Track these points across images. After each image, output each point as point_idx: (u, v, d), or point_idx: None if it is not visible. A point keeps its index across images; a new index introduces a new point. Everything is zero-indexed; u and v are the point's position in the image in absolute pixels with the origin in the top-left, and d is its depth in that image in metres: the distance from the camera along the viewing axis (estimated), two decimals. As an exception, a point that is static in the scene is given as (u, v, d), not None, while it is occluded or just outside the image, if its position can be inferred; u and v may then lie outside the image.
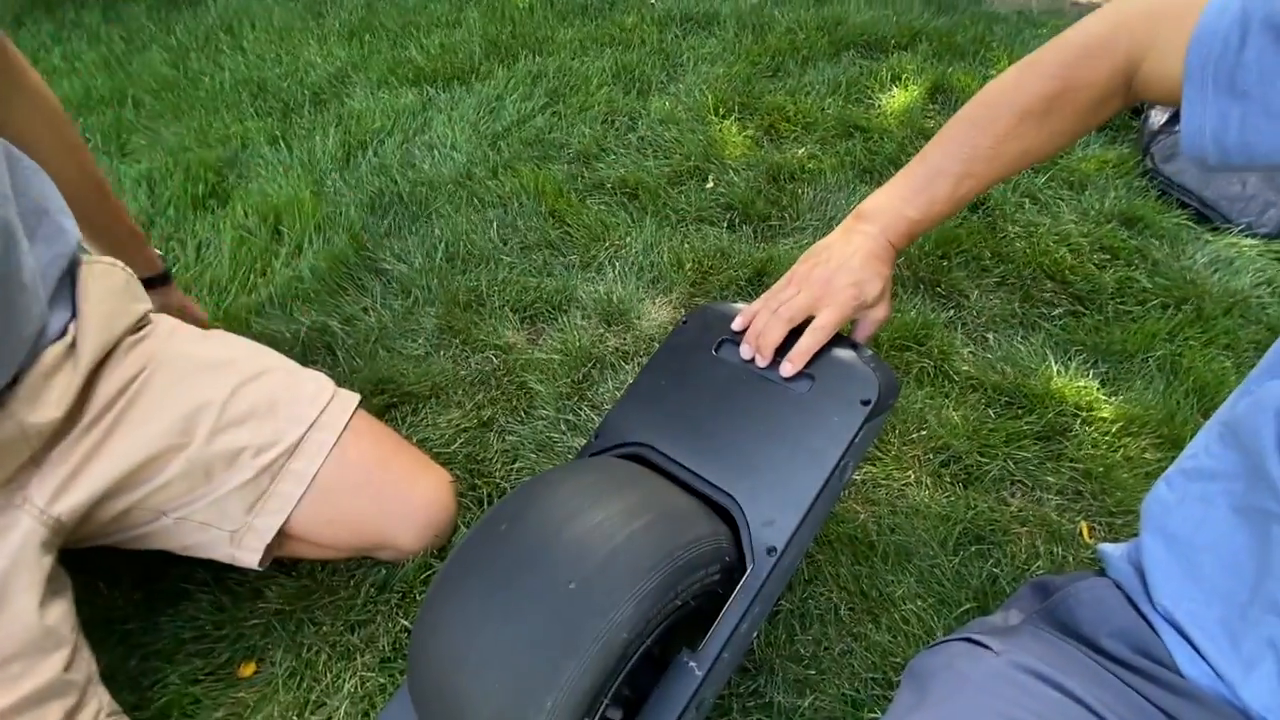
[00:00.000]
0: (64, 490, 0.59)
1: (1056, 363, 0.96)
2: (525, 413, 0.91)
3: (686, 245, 1.13)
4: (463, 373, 0.97)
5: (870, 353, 0.62)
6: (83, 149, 0.75)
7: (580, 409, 0.91)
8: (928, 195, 0.56)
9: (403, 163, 1.32)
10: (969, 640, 0.52)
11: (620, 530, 0.49)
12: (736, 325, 0.64)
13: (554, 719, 0.44)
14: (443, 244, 1.14)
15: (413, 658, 0.51)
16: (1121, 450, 0.84)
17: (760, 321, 0.62)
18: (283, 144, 1.38)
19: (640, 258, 1.12)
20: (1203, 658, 0.45)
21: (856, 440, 0.57)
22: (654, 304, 1.06)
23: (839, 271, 0.58)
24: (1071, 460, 0.83)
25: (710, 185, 1.28)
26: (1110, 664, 0.47)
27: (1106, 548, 0.55)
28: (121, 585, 0.76)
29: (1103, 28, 0.49)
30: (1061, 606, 0.53)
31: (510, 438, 0.88)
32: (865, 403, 0.58)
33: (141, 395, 0.64)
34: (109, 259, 0.66)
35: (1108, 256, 1.12)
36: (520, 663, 0.45)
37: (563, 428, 0.89)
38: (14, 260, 0.55)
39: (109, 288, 0.65)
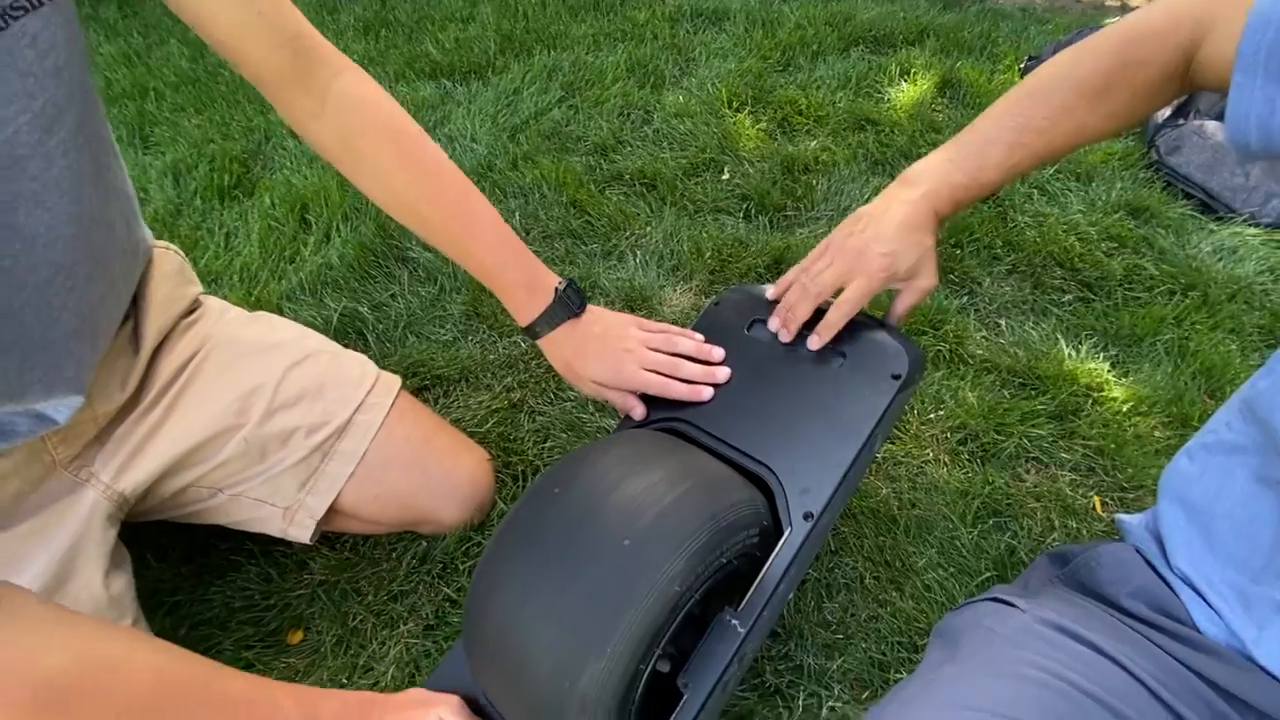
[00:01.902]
0: (127, 467, 0.62)
1: (1068, 346, 0.99)
2: (554, 394, 0.94)
3: (705, 234, 1.16)
4: (491, 357, 1.00)
5: (898, 330, 0.65)
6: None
7: (607, 391, 0.94)
8: (977, 161, 0.56)
9: (424, 154, 1.34)
10: (995, 600, 0.55)
11: (667, 494, 0.52)
12: (771, 294, 0.67)
13: (612, 664, 0.47)
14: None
15: (470, 616, 0.54)
16: (1132, 429, 0.87)
17: (791, 296, 0.64)
18: (305, 136, 1.40)
19: (660, 246, 1.15)
20: (1219, 616, 0.47)
21: (887, 412, 0.60)
22: (675, 291, 1.09)
23: (873, 241, 0.58)
24: (1084, 438, 0.86)
25: (726, 176, 1.30)
26: (1131, 621, 0.50)
27: (1123, 517, 0.58)
28: (170, 559, 0.79)
29: (1165, 10, 0.49)
30: (1083, 569, 0.55)
31: (540, 418, 0.91)
32: (895, 377, 0.61)
33: (198, 376, 0.67)
34: (163, 243, 0.69)
35: (1115, 245, 1.15)
36: (580, 615, 0.47)
37: (591, 409, 0.92)
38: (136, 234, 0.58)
39: (165, 273, 0.68)
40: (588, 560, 0.49)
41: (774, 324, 0.66)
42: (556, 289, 0.65)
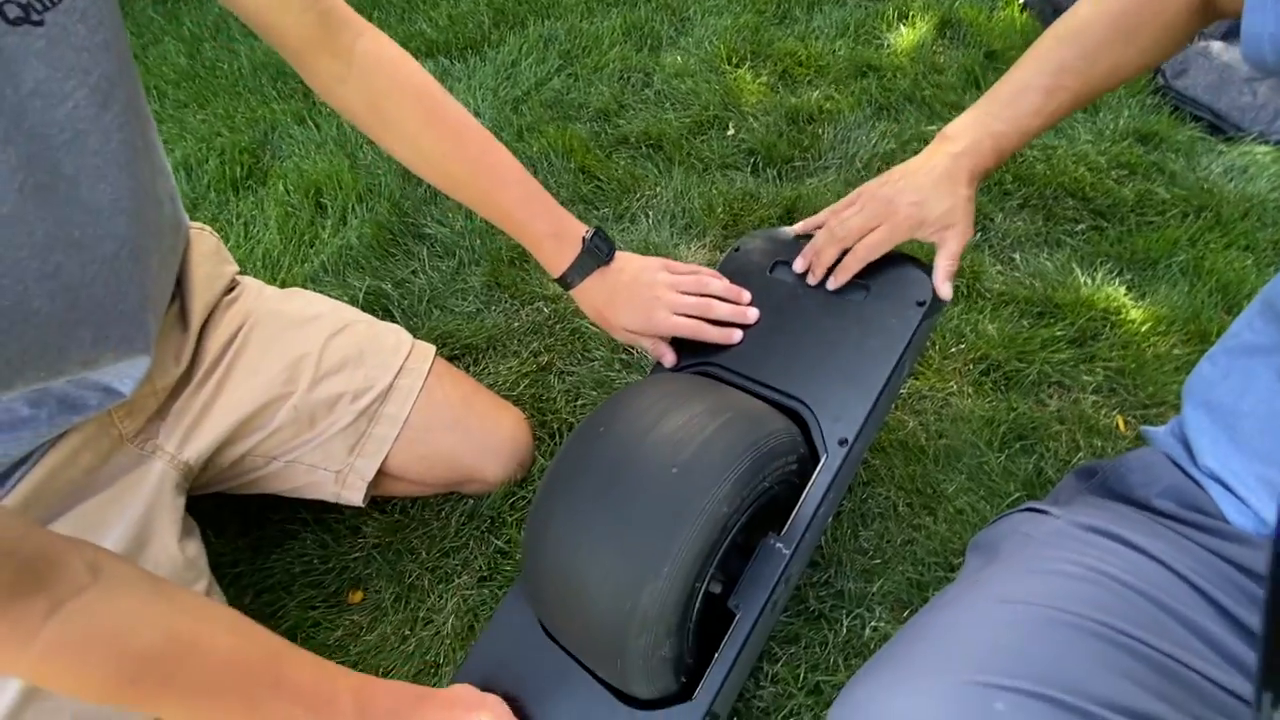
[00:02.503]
0: (189, 438, 0.65)
1: (1083, 274, 1.00)
2: (581, 355, 0.96)
3: (715, 190, 1.17)
4: (515, 324, 1.02)
5: (922, 260, 0.66)
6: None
7: (632, 348, 0.96)
8: (1014, 109, 0.56)
9: (430, 132, 1.35)
10: (1029, 510, 0.57)
11: (709, 424, 0.54)
12: (796, 230, 0.68)
13: (669, 582, 0.49)
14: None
15: (528, 550, 0.57)
16: (1151, 348, 0.89)
17: (819, 240, 0.66)
18: (310, 123, 1.41)
19: (672, 205, 1.16)
20: (1247, 506, 0.49)
21: (914, 338, 0.62)
22: (690, 248, 1.10)
23: (904, 191, 0.59)
24: (1104, 360, 0.88)
25: (731, 132, 1.31)
26: (1161, 519, 0.51)
27: (1148, 428, 0.60)
28: (228, 533, 0.82)
29: None
30: (1113, 476, 0.57)
31: (570, 379, 0.94)
32: (920, 304, 0.63)
33: (245, 350, 0.69)
34: (198, 224, 0.71)
35: (1125, 172, 1.15)
36: (635, 539, 0.50)
37: (618, 366, 0.94)
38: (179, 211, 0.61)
39: (203, 253, 0.70)
40: (639, 488, 0.51)
41: (799, 265, 0.68)
42: (584, 238, 0.67)
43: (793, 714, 0.63)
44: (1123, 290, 0.97)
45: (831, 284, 0.65)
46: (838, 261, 0.64)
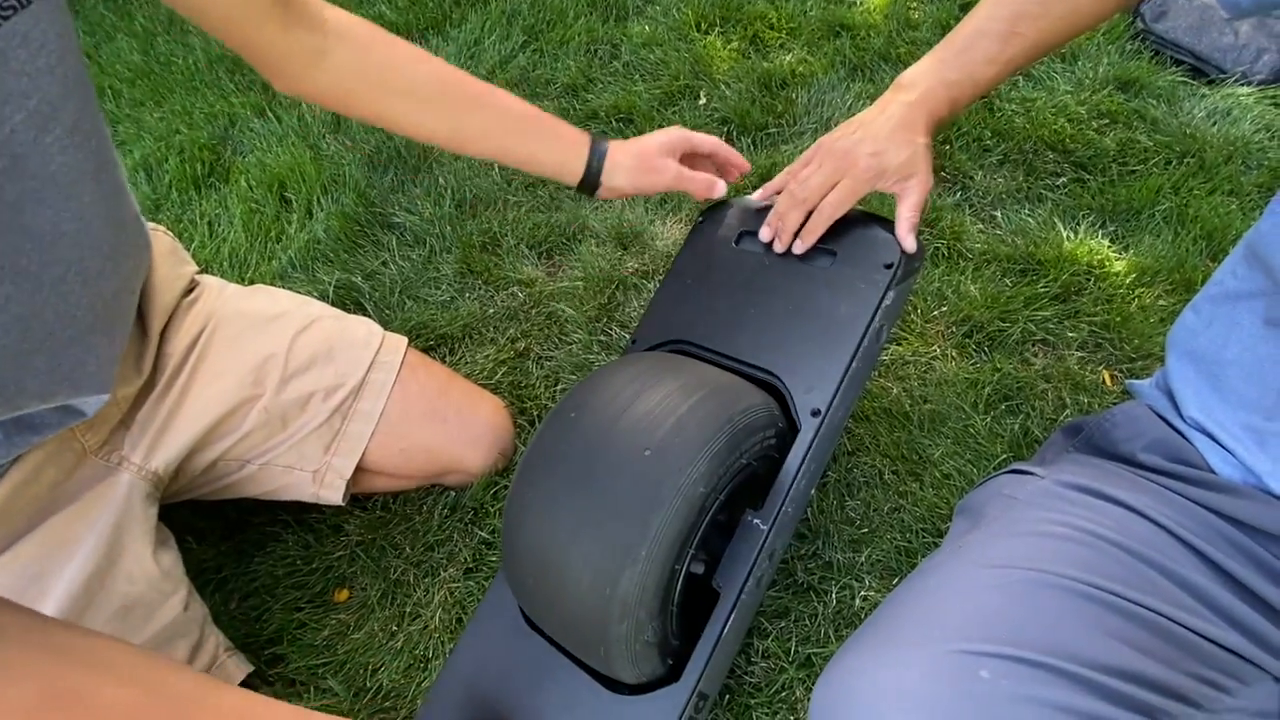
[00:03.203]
0: (156, 447, 0.63)
1: (1065, 228, 0.98)
2: (558, 339, 0.95)
3: (689, 162, 1.14)
4: (490, 311, 1.00)
5: (890, 221, 0.65)
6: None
7: (610, 329, 0.94)
8: (968, 56, 0.54)
9: (395, 118, 1.32)
10: (1014, 472, 0.56)
11: (682, 403, 0.53)
12: (757, 197, 0.67)
13: (648, 565, 0.48)
14: (449, 191, 1.15)
15: (506, 542, 0.56)
16: (1136, 300, 0.88)
17: (781, 205, 0.64)
18: (270, 115, 1.37)
19: (646, 180, 1.13)
20: (1234, 456, 0.48)
21: (885, 304, 0.60)
22: (665, 224, 1.08)
23: (861, 142, 0.57)
24: (1088, 315, 0.87)
25: (703, 101, 1.27)
26: (1148, 474, 0.50)
27: (1134, 381, 0.59)
28: (209, 539, 0.81)
29: None
30: (1098, 432, 0.56)
31: (548, 364, 0.92)
32: (888, 266, 0.61)
33: (209, 352, 0.67)
34: (152, 224, 0.68)
35: (1106, 121, 1.13)
36: (611, 523, 0.49)
37: (596, 348, 0.92)
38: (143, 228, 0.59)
39: (160, 254, 0.67)
40: (613, 473, 0.50)
41: (765, 234, 0.66)
42: (590, 136, 0.66)
43: (784, 688, 0.63)
44: (1106, 243, 0.95)
45: (798, 248, 0.63)
46: (804, 225, 0.63)
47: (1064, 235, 0.97)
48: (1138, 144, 1.08)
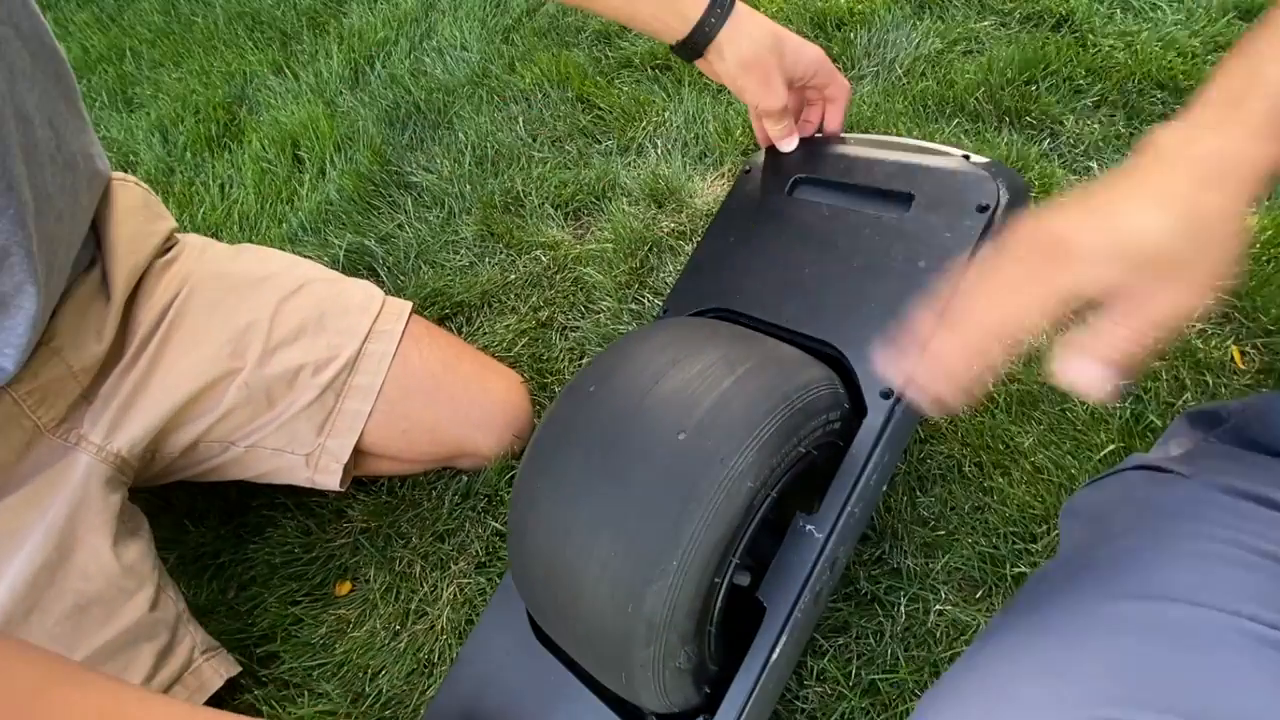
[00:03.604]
0: (119, 425, 0.56)
1: (1179, 178, 0.83)
2: (585, 307, 0.85)
3: (733, 112, 1.02)
4: (512, 276, 0.91)
5: (984, 159, 0.53)
6: None
7: (642, 296, 0.84)
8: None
9: (414, 71, 1.23)
10: (1143, 468, 0.44)
11: (726, 377, 0.42)
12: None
13: (680, 579, 0.39)
14: (469, 148, 1.06)
15: (512, 542, 0.47)
16: (1273, 263, 0.73)
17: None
18: (288, 72, 1.30)
19: (683, 132, 1.02)
20: None
21: (980, 257, 0.48)
22: (705, 179, 0.97)
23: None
24: (1213, 279, 0.72)
25: (749, 46, 1.14)
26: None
27: None
28: (208, 521, 0.75)
29: None
30: (1253, 421, 0.44)
31: (573, 334, 0.82)
32: (982, 209, 0.49)
33: (182, 320, 0.59)
34: (121, 174, 0.61)
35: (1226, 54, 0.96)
36: (635, 524, 0.39)
37: (626, 317, 0.83)
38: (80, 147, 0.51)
39: (128, 207, 0.60)
40: (636, 460, 0.40)
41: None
42: None
43: (844, 718, 0.53)
44: (1231, 194, 0.80)
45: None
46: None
47: (1178, 187, 0.82)
48: (1267, 80, 0.91)
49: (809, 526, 0.46)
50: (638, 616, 0.40)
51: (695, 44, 0.50)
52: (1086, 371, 0.30)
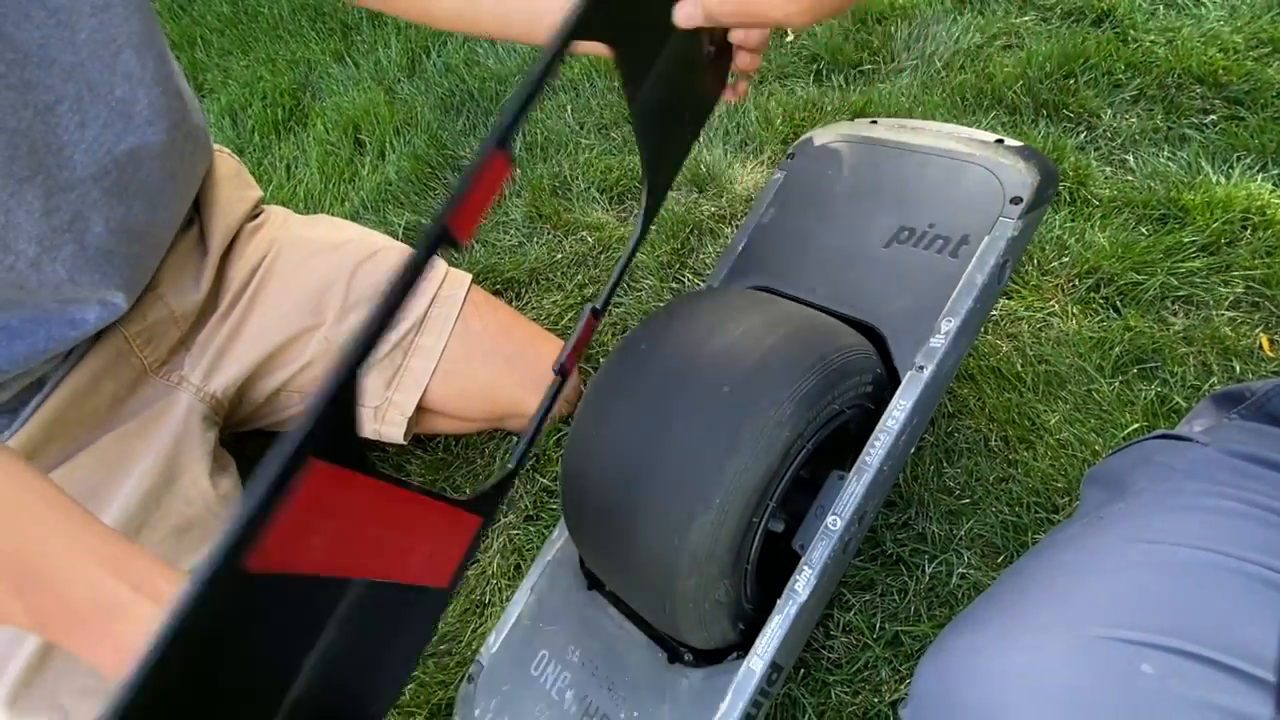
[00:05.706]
0: (215, 369, 0.62)
1: (1215, 172, 0.84)
2: (627, 286, 0.89)
3: (774, 102, 1.06)
4: (559, 256, 0.95)
5: (1018, 144, 0.56)
6: None
7: (682, 275, 0.88)
8: None
9: (468, 61, 1.28)
10: (1165, 436, 0.47)
11: (767, 337, 0.47)
12: None
13: (722, 516, 0.43)
14: (520, 135, 1.11)
15: (565, 480, 0.51)
16: (1305, 253, 0.74)
17: None
18: (349, 60, 1.36)
19: (725, 121, 1.05)
20: None
21: (1010, 242, 0.52)
22: (745, 167, 1.00)
23: None
24: (1244, 269, 0.74)
25: (790, 38, 1.17)
26: (1340, 447, 0.41)
27: None
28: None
29: None
30: (1277, 398, 0.46)
31: (616, 310, 0.87)
32: (1015, 201, 0.52)
33: (270, 278, 0.66)
34: (217, 145, 0.67)
35: (1269, 50, 0.97)
36: (683, 467, 0.44)
37: (667, 295, 0.87)
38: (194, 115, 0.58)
39: (224, 175, 0.66)
40: (686, 410, 0.45)
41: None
42: None
43: (868, 667, 0.57)
44: (1268, 187, 0.81)
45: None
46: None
47: (1213, 179, 0.83)
48: (1311, 76, 0.92)
49: (842, 478, 0.49)
50: (682, 549, 0.44)
51: None
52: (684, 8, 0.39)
